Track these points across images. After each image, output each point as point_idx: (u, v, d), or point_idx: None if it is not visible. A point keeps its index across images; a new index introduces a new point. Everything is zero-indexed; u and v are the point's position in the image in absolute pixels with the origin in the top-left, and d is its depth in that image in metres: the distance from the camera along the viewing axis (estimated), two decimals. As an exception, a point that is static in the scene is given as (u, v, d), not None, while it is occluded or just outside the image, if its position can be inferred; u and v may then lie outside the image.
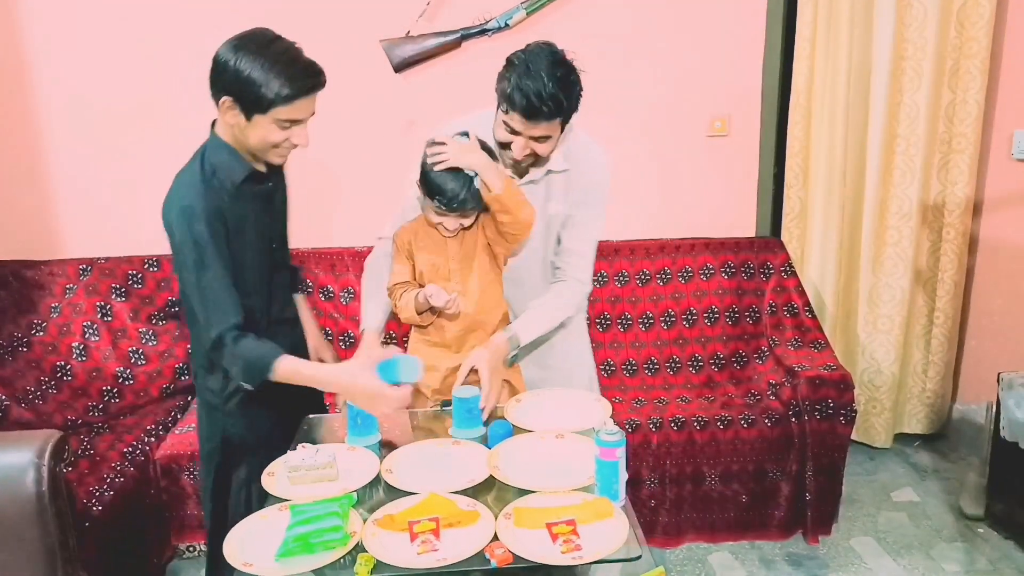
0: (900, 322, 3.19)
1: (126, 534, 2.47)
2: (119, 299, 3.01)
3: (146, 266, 3.06)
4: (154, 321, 3.02)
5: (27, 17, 2.94)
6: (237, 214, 1.72)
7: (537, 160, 1.90)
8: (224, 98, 1.65)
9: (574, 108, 1.83)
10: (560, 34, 3.00)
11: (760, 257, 3.14)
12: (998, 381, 2.69)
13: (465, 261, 1.92)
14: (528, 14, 2.95)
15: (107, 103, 3.03)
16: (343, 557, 1.37)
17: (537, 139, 1.82)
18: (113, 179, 3.09)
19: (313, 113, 1.72)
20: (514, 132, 1.81)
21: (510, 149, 1.85)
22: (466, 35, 2.98)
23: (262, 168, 1.78)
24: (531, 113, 1.76)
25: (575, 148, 1.96)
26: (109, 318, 2.98)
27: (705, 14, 3.06)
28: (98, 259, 3.05)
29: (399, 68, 3.00)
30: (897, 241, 3.14)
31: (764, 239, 3.24)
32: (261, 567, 1.36)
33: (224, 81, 1.64)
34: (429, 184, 1.82)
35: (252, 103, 1.63)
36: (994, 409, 2.70)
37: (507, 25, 2.96)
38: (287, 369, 1.67)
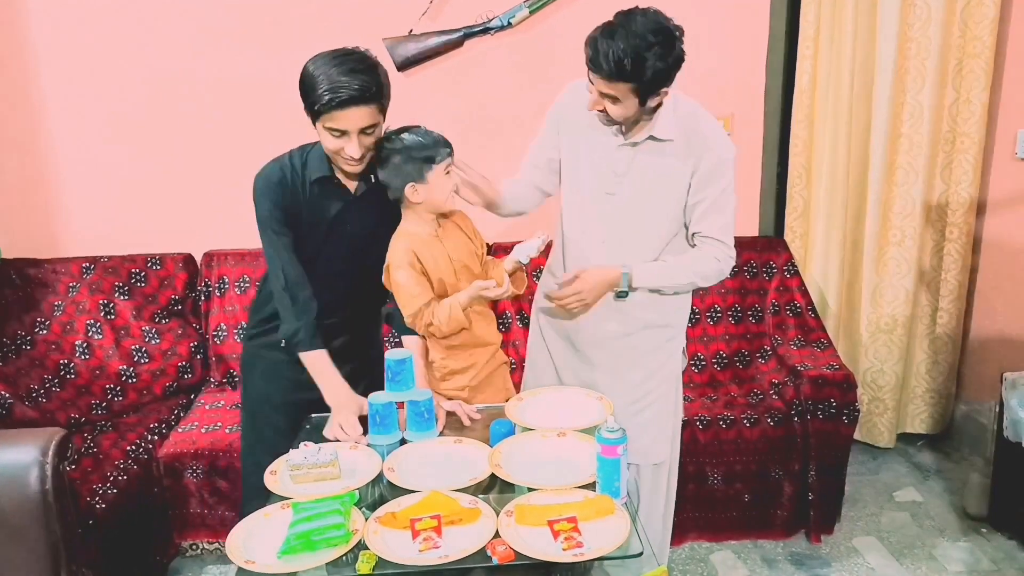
0: (903, 322, 3.19)
1: (129, 532, 2.48)
2: (122, 297, 3.01)
3: (149, 264, 3.06)
4: (157, 319, 3.02)
5: (31, 17, 2.95)
6: (312, 205, 1.87)
7: (612, 121, 1.91)
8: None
9: (647, 81, 1.78)
10: (563, 33, 3.02)
11: (763, 256, 3.13)
12: (1001, 381, 2.69)
13: (463, 257, 1.94)
14: (531, 12, 2.95)
15: (111, 102, 3.03)
16: (345, 554, 1.38)
17: (605, 96, 1.83)
18: (116, 178, 3.10)
19: (365, 127, 1.76)
20: (590, 82, 1.85)
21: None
22: (469, 34, 2.97)
23: (348, 181, 1.88)
24: (592, 65, 1.80)
25: (694, 126, 1.96)
26: (112, 316, 2.99)
27: (708, 13, 3.06)
28: (101, 257, 3.05)
29: (402, 67, 3.00)
30: (900, 240, 3.13)
31: (767, 238, 3.24)
32: (264, 564, 1.36)
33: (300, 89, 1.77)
34: (426, 148, 1.83)
35: (308, 110, 1.75)
36: (997, 409, 2.70)
37: (510, 24, 2.96)
38: (316, 361, 1.86)
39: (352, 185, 1.90)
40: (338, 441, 1.77)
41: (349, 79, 1.70)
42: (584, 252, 2.06)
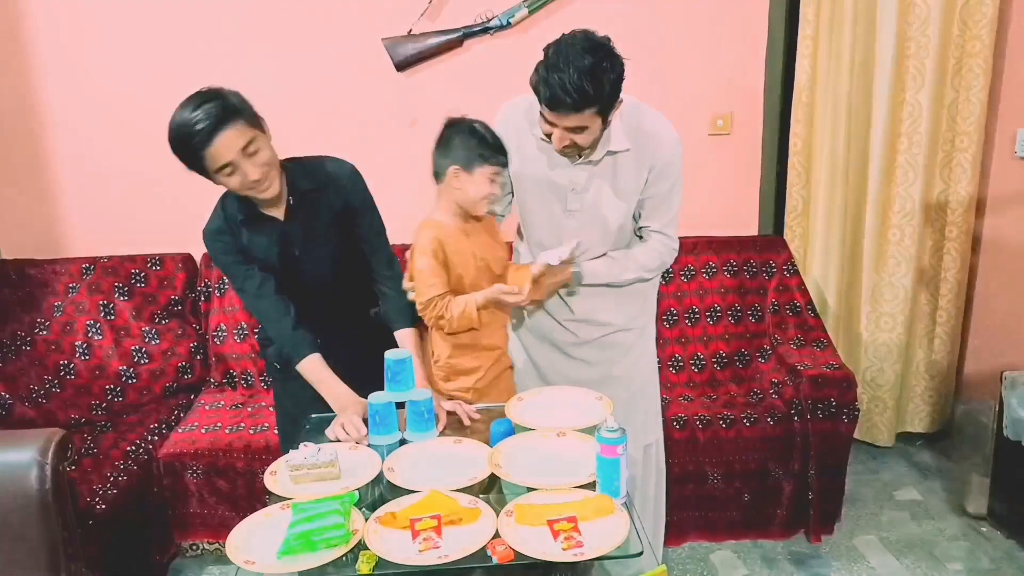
0: (903, 321, 3.19)
1: (129, 532, 2.48)
2: (122, 298, 3.01)
3: (149, 265, 3.06)
4: (157, 320, 3.02)
5: (30, 17, 2.95)
6: (253, 245, 1.89)
7: (581, 150, 1.89)
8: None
9: (607, 97, 1.78)
10: (561, 33, 3.02)
11: (763, 255, 3.13)
12: (1001, 380, 2.69)
13: (487, 256, 1.95)
14: (530, 12, 2.95)
15: (110, 102, 3.03)
16: (345, 555, 1.38)
17: (572, 130, 1.81)
18: (116, 178, 3.10)
19: (244, 148, 1.71)
20: (551, 124, 1.82)
21: (552, 140, 1.86)
22: (468, 33, 2.98)
23: (272, 210, 1.87)
24: (555, 104, 1.75)
25: (641, 127, 1.96)
26: (112, 316, 2.99)
27: (707, 12, 3.06)
28: (101, 258, 3.06)
29: (401, 67, 3.00)
30: (900, 240, 3.13)
31: (767, 237, 3.24)
32: (263, 565, 1.36)
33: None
34: (486, 154, 1.82)
35: (189, 161, 1.73)
36: (997, 408, 2.70)
37: (509, 24, 2.96)
38: (311, 368, 1.89)
39: (278, 212, 1.88)
40: (338, 441, 1.77)
41: (199, 113, 1.68)
42: (552, 268, 2.06)
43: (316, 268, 1.93)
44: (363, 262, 1.99)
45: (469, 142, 1.84)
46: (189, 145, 1.69)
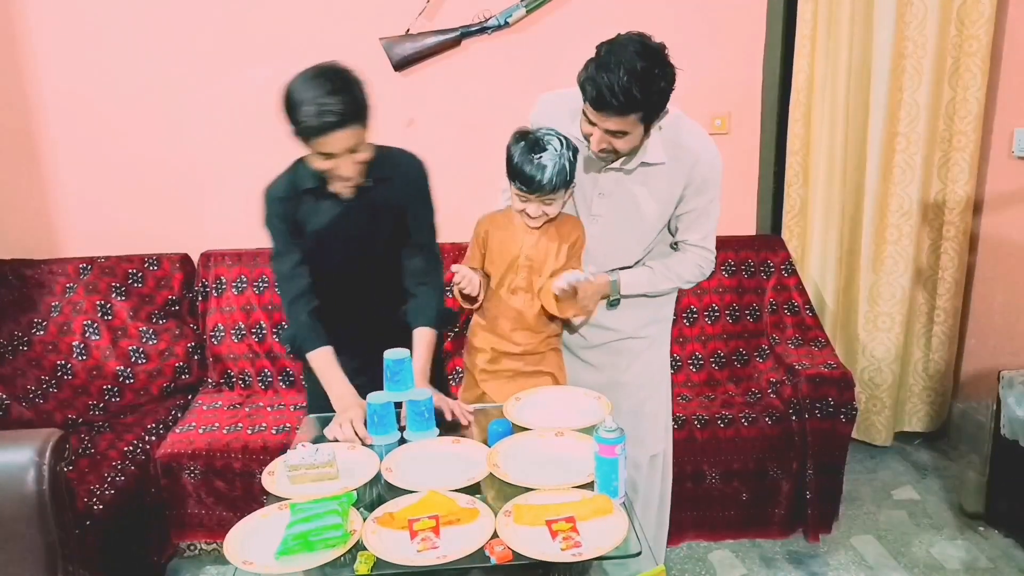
0: (900, 320, 3.19)
1: (126, 533, 2.47)
2: (119, 298, 3.01)
3: (146, 265, 3.06)
4: (154, 320, 3.02)
5: (28, 16, 2.94)
6: (308, 215, 1.89)
7: (617, 155, 1.86)
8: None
9: (654, 104, 1.75)
10: (559, 32, 3.02)
11: (761, 255, 3.13)
12: (998, 379, 2.69)
13: (537, 258, 1.94)
14: (528, 12, 2.95)
15: (108, 102, 3.03)
16: (343, 555, 1.38)
17: (612, 133, 1.77)
18: (113, 178, 3.10)
19: (352, 148, 1.74)
20: (592, 123, 1.79)
21: (590, 141, 1.83)
22: (466, 33, 2.98)
23: (337, 190, 1.85)
24: (600, 105, 1.72)
25: (680, 141, 1.92)
26: (109, 317, 2.98)
27: (705, 12, 3.06)
28: (98, 258, 3.05)
29: (399, 66, 3.00)
30: (897, 239, 3.13)
31: (765, 237, 3.24)
32: (261, 565, 1.36)
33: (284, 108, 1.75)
34: (512, 169, 1.83)
35: (294, 130, 1.73)
36: (994, 407, 2.70)
37: (507, 23, 2.96)
38: (319, 360, 1.89)
39: (346, 193, 1.88)
40: (337, 441, 1.77)
41: (329, 103, 1.67)
42: (582, 283, 2.05)
43: (362, 253, 1.93)
44: (404, 256, 1.99)
45: (511, 157, 1.84)
46: (301, 124, 1.69)
